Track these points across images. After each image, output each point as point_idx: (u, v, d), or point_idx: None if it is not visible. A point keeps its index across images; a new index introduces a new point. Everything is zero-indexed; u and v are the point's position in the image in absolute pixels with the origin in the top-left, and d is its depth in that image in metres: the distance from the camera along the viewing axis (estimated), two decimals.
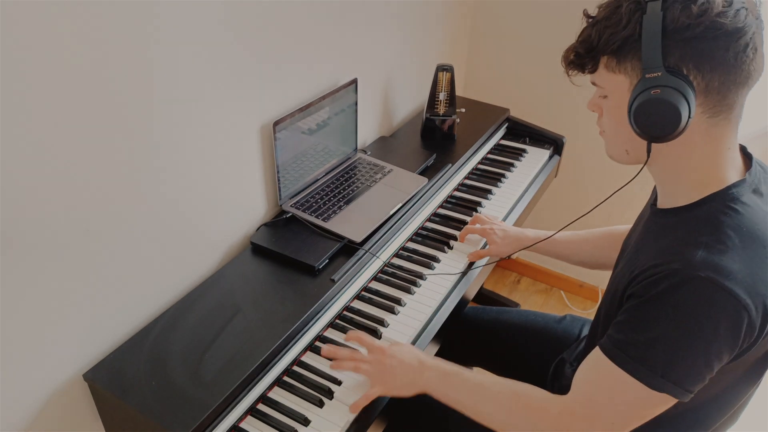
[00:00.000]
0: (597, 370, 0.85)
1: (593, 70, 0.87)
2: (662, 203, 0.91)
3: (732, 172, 0.84)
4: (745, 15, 0.76)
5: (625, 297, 0.85)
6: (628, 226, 1.11)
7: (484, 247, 1.38)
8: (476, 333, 1.40)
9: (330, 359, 1.08)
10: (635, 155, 0.88)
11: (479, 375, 0.98)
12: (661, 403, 0.80)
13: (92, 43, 0.88)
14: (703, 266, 0.75)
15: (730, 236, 0.78)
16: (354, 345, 1.11)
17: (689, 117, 0.78)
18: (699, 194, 0.84)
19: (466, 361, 1.51)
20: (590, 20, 0.86)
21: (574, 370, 1.00)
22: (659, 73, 0.78)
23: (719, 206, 0.82)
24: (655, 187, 0.96)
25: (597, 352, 0.85)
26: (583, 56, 0.86)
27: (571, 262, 1.30)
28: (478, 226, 1.38)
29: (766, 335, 0.79)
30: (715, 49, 0.76)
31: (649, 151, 0.84)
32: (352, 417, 1.01)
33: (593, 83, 0.89)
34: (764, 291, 0.76)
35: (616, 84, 0.84)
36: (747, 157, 0.89)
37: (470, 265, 1.35)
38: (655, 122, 0.79)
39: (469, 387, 0.96)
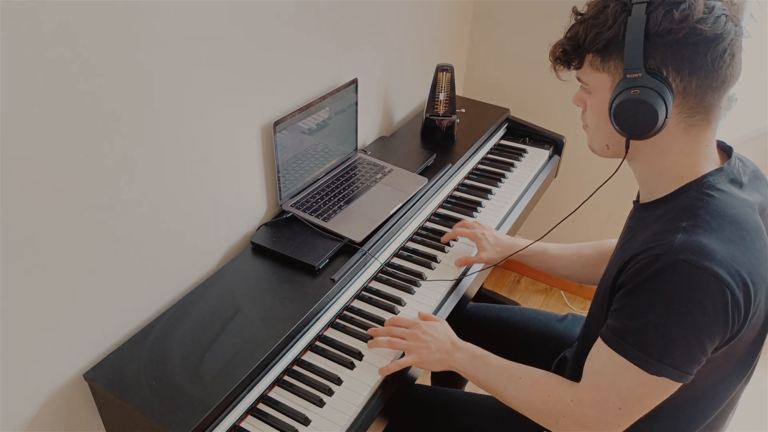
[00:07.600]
0: (600, 358, 0.88)
1: (579, 67, 0.90)
2: (644, 198, 0.95)
3: (708, 164, 0.88)
4: (725, 22, 0.79)
5: (616, 288, 0.88)
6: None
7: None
8: (478, 330, 1.40)
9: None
10: (615, 150, 0.92)
11: (505, 361, 1.03)
12: (663, 387, 0.83)
13: (92, 40, 0.88)
14: (683, 249, 0.78)
15: (707, 220, 0.81)
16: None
17: (666, 117, 0.82)
18: (677, 185, 0.88)
19: None
20: (579, 17, 0.88)
21: (575, 370, 1.01)
22: (639, 74, 0.81)
23: (696, 193, 0.85)
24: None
25: (599, 341, 0.88)
26: (569, 53, 0.89)
27: (561, 275, 1.31)
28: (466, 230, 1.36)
29: (753, 317, 0.81)
30: (695, 54, 0.79)
31: (627, 147, 0.89)
32: (352, 417, 1.02)
33: (578, 79, 0.92)
34: (744, 270, 0.78)
35: (599, 82, 0.87)
36: (725, 152, 0.92)
37: (468, 268, 1.35)
38: (633, 121, 0.83)
39: (496, 370, 1.02)
